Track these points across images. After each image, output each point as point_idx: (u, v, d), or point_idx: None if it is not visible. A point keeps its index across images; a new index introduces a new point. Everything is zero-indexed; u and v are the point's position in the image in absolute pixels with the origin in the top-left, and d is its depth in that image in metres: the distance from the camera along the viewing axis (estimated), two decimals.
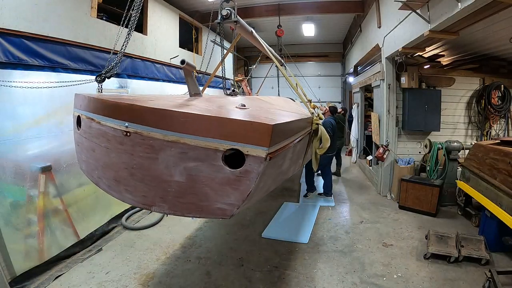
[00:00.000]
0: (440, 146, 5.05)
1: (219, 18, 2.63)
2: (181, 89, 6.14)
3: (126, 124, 1.48)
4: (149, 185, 1.54)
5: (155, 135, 1.43)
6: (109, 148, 1.61)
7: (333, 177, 6.48)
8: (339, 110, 7.22)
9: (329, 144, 2.52)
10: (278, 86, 7.12)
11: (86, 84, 3.55)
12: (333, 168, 6.89)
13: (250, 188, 1.38)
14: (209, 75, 7.09)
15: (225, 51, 3.38)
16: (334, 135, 5.23)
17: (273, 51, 4.26)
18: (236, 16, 2.62)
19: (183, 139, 1.39)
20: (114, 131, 1.54)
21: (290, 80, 3.22)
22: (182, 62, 1.81)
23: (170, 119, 1.40)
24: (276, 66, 3.17)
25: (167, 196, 1.51)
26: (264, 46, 3.24)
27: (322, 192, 5.72)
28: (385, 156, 5.50)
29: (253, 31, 3.21)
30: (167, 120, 1.40)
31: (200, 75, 7.17)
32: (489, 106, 5.41)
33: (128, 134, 1.48)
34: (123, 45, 2.70)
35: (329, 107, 5.81)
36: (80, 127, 1.91)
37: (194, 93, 2.10)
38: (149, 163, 1.49)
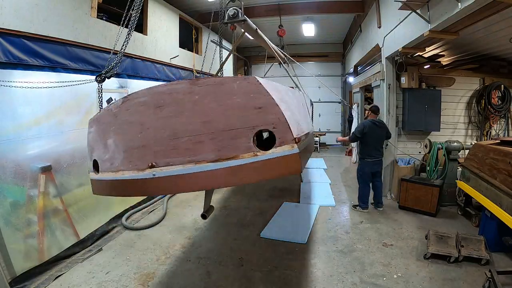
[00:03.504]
0: (440, 146, 5.05)
1: (226, 18, 2.61)
2: None
3: None
4: None
5: None
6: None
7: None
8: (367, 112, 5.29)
9: None
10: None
11: (86, 84, 3.55)
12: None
13: None
14: (208, 75, 7.12)
15: (225, 52, 3.39)
16: (367, 139, 4.76)
17: (277, 48, 4.29)
18: (244, 15, 2.60)
19: None
20: None
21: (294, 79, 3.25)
22: None
23: None
24: (280, 64, 3.20)
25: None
26: (269, 44, 3.26)
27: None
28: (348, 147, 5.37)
29: (258, 29, 3.22)
30: None
31: (199, 75, 7.18)
32: (489, 106, 5.41)
33: None
34: (123, 45, 2.70)
35: (371, 106, 5.15)
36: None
37: None
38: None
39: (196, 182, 1.68)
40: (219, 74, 3.77)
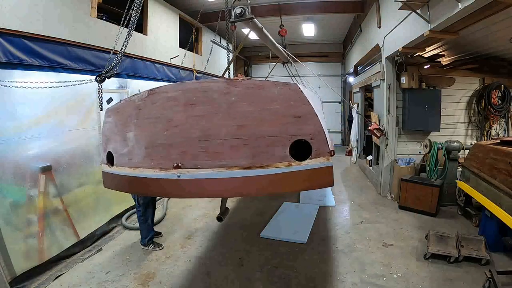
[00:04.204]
0: (440, 146, 5.04)
1: (233, 16, 2.59)
2: None
3: None
4: None
5: None
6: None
7: None
8: None
9: None
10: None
11: (86, 84, 3.55)
12: None
13: None
14: (209, 75, 7.12)
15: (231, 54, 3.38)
16: None
17: (281, 48, 4.29)
18: (251, 14, 2.58)
19: None
20: None
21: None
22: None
23: None
24: (284, 64, 3.19)
25: None
26: (274, 43, 3.24)
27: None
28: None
29: (263, 28, 3.21)
30: None
31: (200, 74, 7.18)
32: (489, 106, 5.40)
33: None
34: (123, 45, 2.70)
35: None
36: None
37: None
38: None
39: (224, 188, 1.60)
40: (225, 75, 3.77)
